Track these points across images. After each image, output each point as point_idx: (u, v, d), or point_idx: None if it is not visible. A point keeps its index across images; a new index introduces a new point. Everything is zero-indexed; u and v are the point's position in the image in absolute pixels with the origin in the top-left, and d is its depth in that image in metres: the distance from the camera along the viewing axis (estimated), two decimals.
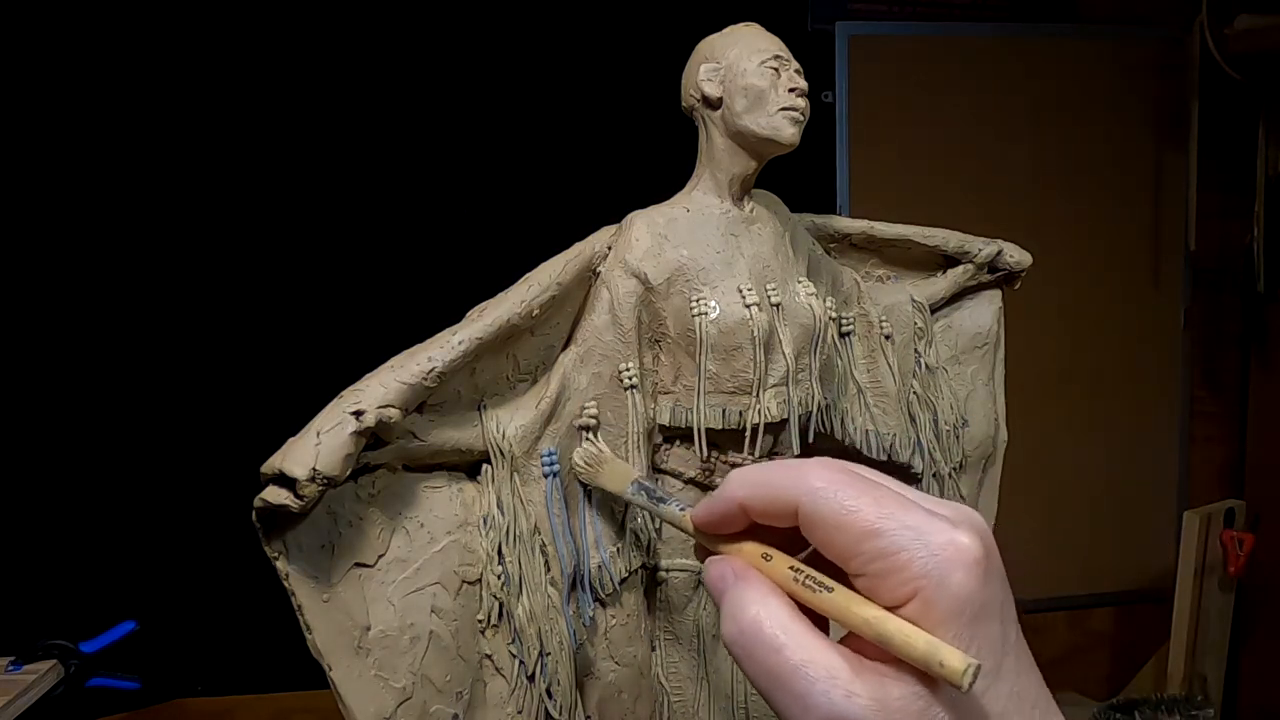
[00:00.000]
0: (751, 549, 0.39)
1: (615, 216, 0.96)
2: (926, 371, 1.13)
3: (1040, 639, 2.13)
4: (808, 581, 0.36)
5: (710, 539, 0.41)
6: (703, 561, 0.41)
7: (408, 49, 1.83)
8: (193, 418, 1.79)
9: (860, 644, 0.34)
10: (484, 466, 0.88)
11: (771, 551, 0.38)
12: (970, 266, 1.16)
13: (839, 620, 0.35)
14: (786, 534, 0.38)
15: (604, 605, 0.94)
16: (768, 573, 0.37)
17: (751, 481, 0.38)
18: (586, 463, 0.88)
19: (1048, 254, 1.28)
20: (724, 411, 0.92)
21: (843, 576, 0.35)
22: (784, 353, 0.93)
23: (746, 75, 0.92)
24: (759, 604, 0.35)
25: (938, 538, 0.33)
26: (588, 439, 0.91)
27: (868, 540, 0.33)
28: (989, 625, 0.33)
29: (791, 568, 0.37)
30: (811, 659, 0.33)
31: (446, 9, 1.83)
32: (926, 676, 0.32)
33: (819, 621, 0.35)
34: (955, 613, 0.32)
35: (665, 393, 0.95)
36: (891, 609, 0.33)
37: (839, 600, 0.35)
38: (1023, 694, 0.34)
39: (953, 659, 0.31)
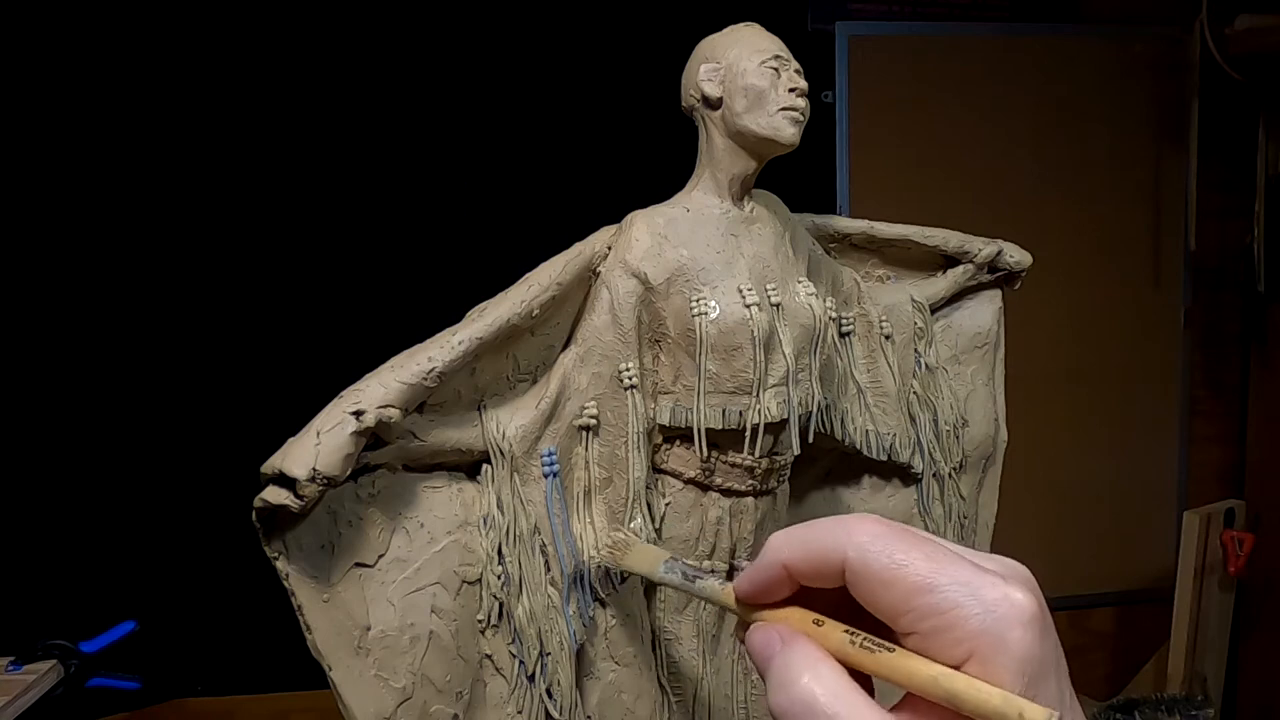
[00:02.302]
0: (800, 616, 0.37)
1: (615, 216, 0.96)
2: (926, 371, 1.13)
3: None
4: (865, 644, 0.34)
5: (754, 611, 0.39)
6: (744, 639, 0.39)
7: (408, 49, 1.83)
8: (193, 418, 1.79)
9: (919, 709, 0.33)
10: (484, 466, 0.88)
11: (822, 618, 0.36)
12: (970, 266, 1.16)
13: (901, 682, 0.33)
14: (831, 603, 0.37)
15: (604, 605, 0.94)
16: (819, 638, 0.36)
17: (794, 540, 0.36)
18: (612, 550, 0.88)
19: (1048, 254, 1.28)
20: (724, 411, 0.92)
21: (890, 637, 0.34)
22: (784, 353, 0.93)
23: (746, 75, 0.92)
24: (810, 671, 0.33)
25: (992, 593, 0.32)
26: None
27: (919, 596, 0.32)
28: (1048, 683, 0.32)
29: (846, 630, 0.35)
30: None
31: (446, 9, 1.83)
32: None
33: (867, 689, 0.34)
34: (1016, 672, 0.31)
35: (665, 393, 0.95)
36: None
37: (901, 660, 0.33)
38: None
39: (1034, 711, 0.30)
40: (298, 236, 1.81)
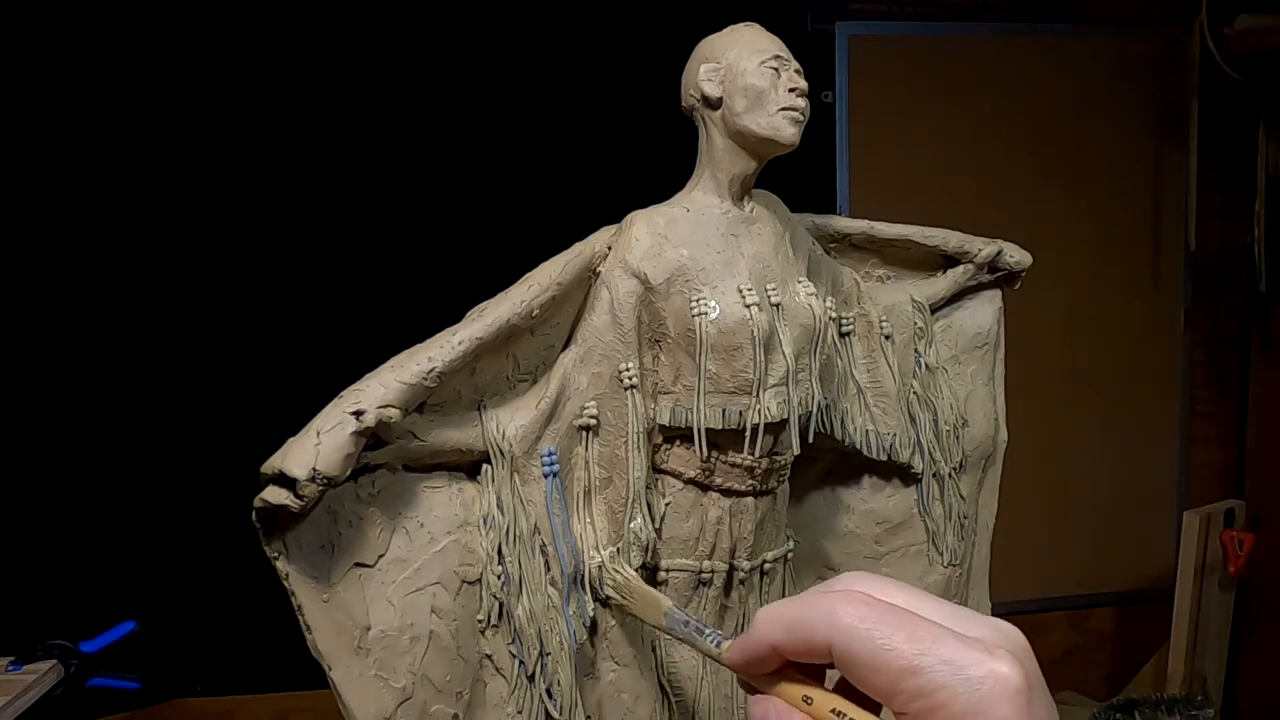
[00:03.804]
0: (792, 692, 0.38)
1: (615, 216, 0.96)
2: (926, 371, 1.13)
3: (1040, 639, 2.12)
4: None
5: (749, 676, 0.40)
6: (748, 693, 0.41)
7: (408, 50, 1.83)
8: (193, 418, 1.79)
9: None
10: (484, 466, 0.88)
11: (813, 693, 0.38)
12: (970, 266, 1.16)
13: None
14: (827, 666, 0.38)
15: (604, 605, 0.94)
16: (810, 714, 0.37)
17: (782, 623, 0.37)
18: (617, 592, 0.89)
19: (1048, 254, 1.28)
20: (724, 411, 0.92)
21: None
22: (784, 353, 0.93)
23: (746, 75, 0.92)
24: None
25: (976, 671, 0.32)
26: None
27: (905, 679, 0.32)
28: None
29: (834, 710, 0.36)
30: None
31: (446, 9, 1.83)
32: None
33: None
34: None
35: (665, 393, 0.95)
36: None
37: None
38: None
39: None
40: (298, 237, 1.81)
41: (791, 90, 0.92)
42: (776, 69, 0.93)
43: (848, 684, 0.36)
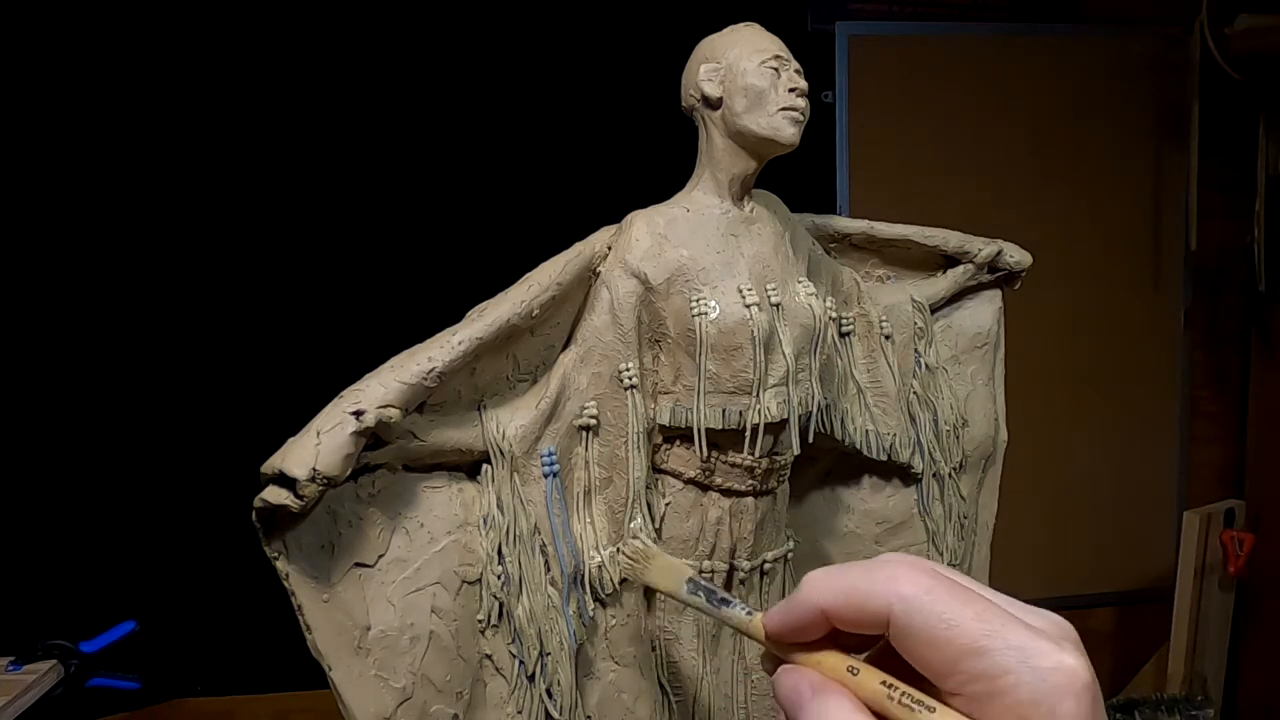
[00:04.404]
0: (835, 661, 0.35)
1: (615, 216, 0.96)
2: (926, 371, 1.13)
3: None
4: (904, 699, 0.32)
5: (784, 648, 0.37)
6: (771, 672, 0.37)
7: (408, 50, 1.83)
8: (193, 418, 1.79)
9: None
10: (484, 466, 0.88)
11: (858, 664, 0.35)
12: (970, 266, 1.16)
13: None
14: (867, 641, 0.35)
15: (604, 605, 0.94)
16: (854, 688, 0.34)
17: (835, 587, 0.34)
18: (632, 559, 0.80)
19: (1048, 254, 1.28)
20: (724, 411, 0.92)
21: (929, 687, 0.33)
22: (784, 353, 0.93)
23: (746, 75, 0.92)
24: None
25: (1045, 661, 0.31)
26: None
27: (969, 659, 0.31)
28: None
29: (884, 683, 0.33)
30: None
31: (446, 9, 1.83)
32: None
33: None
34: None
35: (665, 393, 0.95)
36: None
37: None
38: None
39: None
40: (298, 237, 1.81)
41: (791, 90, 0.92)
42: (776, 69, 0.93)
43: (887, 661, 0.34)
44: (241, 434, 1.11)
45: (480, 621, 0.87)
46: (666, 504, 0.96)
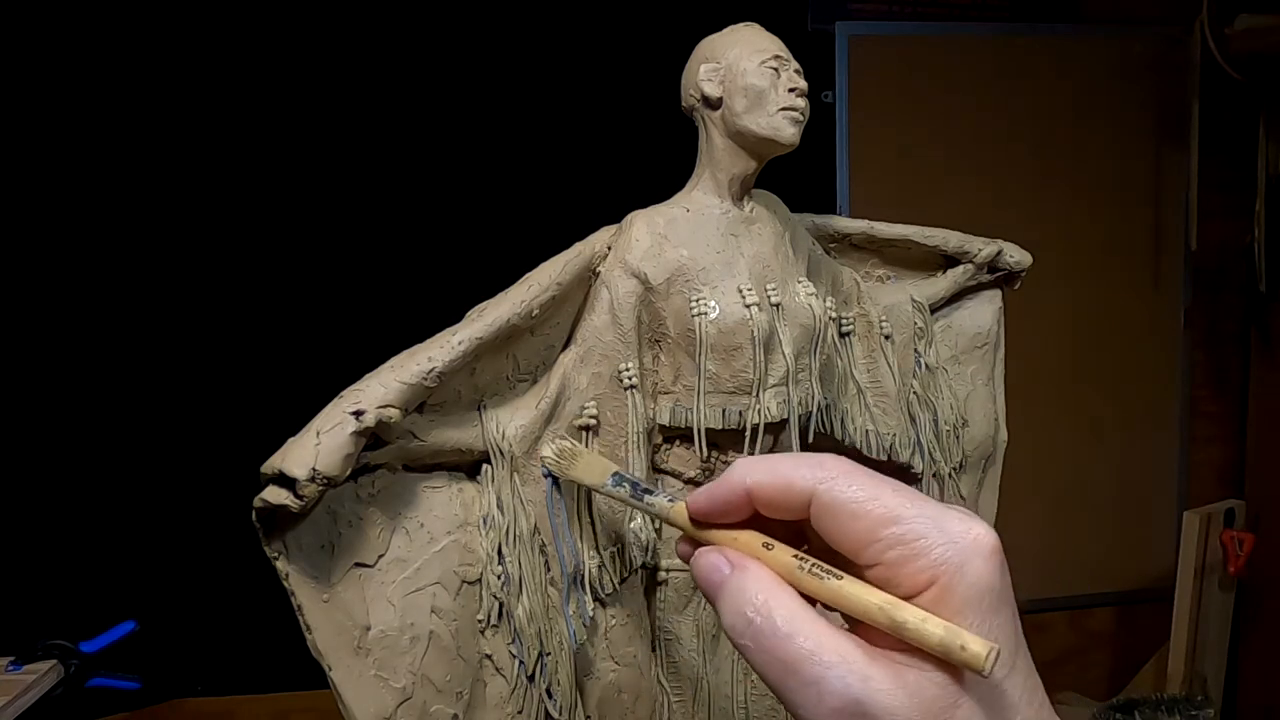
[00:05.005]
0: (750, 538, 0.37)
1: (615, 216, 0.96)
2: (926, 371, 1.13)
3: (1040, 639, 2.13)
4: (814, 570, 0.35)
5: (703, 531, 0.39)
6: (688, 557, 0.39)
7: (408, 50, 1.83)
8: (193, 418, 1.79)
9: (869, 635, 0.33)
10: (484, 466, 0.88)
11: (772, 541, 0.37)
12: (970, 266, 1.16)
13: (849, 608, 0.34)
14: (779, 536, 0.37)
15: (604, 605, 0.94)
16: (769, 562, 0.36)
17: (763, 466, 0.37)
18: (559, 456, 0.78)
19: (1048, 254, 1.28)
20: (724, 411, 0.92)
21: (848, 571, 0.35)
22: (784, 353, 0.93)
23: (746, 75, 0.92)
24: (764, 592, 0.34)
25: (956, 526, 0.33)
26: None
27: (886, 527, 0.33)
28: (1004, 615, 0.33)
29: (795, 555, 0.35)
30: (824, 645, 0.32)
31: (446, 9, 1.83)
32: (942, 662, 0.32)
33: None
34: (974, 600, 0.32)
35: (665, 393, 0.95)
36: (907, 598, 0.33)
37: (849, 588, 0.34)
38: (1033, 689, 0.34)
39: (974, 643, 0.31)
40: (298, 237, 1.81)
41: (791, 90, 0.92)
42: (776, 69, 0.93)
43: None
44: (241, 434, 1.11)
45: (480, 621, 0.87)
46: None
